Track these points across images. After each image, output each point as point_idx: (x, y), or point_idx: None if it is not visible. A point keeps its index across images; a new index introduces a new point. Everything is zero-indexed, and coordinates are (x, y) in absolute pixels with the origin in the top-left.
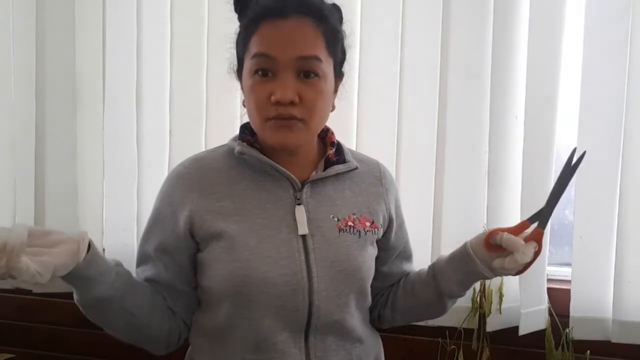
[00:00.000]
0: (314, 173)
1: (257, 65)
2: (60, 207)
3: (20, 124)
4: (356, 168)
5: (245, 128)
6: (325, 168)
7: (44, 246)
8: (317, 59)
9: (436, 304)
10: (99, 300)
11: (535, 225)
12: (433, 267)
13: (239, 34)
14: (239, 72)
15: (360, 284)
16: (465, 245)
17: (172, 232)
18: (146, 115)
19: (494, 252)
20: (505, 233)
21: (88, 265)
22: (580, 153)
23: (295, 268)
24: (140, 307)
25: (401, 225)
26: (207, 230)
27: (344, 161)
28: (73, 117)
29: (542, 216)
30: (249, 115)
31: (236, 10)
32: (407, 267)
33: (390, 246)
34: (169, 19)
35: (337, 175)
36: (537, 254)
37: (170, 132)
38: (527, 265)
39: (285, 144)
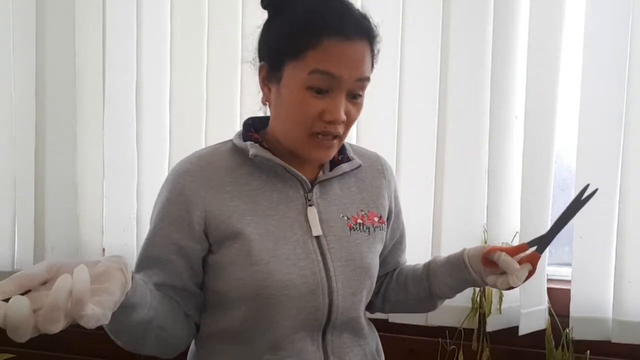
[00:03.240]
0: (320, 173)
1: (317, 83)
2: (60, 206)
3: (20, 124)
4: (360, 165)
5: (249, 125)
6: (331, 167)
7: (95, 282)
8: (369, 80)
9: (426, 301)
10: (139, 323)
11: (533, 249)
12: (428, 267)
13: (281, 32)
14: (271, 72)
15: (371, 281)
16: (462, 253)
17: (188, 232)
18: (146, 115)
19: (489, 268)
20: (504, 253)
21: (134, 293)
22: (592, 190)
23: (314, 269)
24: (167, 320)
25: (398, 215)
26: (224, 231)
27: (347, 159)
28: (73, 117)
29: (542, 242)
30: (286, 123)
31: (272, 4)
32: (401, 257)
33: (388, 236)
34: (169, 19)
35: (340, 174)
36: (530, 275)
37: (170, 132)
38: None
39: (323, 160)
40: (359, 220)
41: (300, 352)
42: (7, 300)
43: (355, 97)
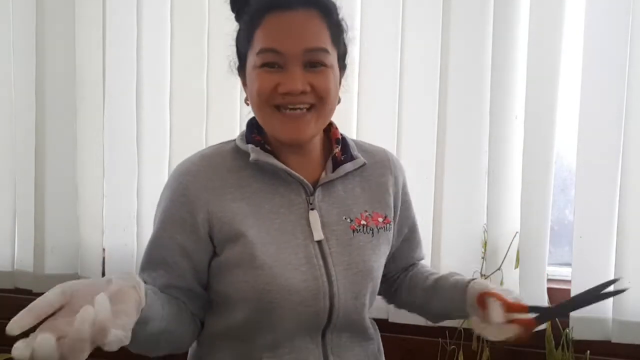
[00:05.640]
0: (323, 174)
1: (266, 60)
2: (60, 206)
3: (20, 124)
4: (364, 164)
5: (252, 125)
6: (334, 167)
7: (111, 302)
8: (325, 50)
9: (428, 313)
10: (153, 334)
11: (533, 315)
12: (435, 283)
13: (240, 30)
14: (241, 69)
15: (374, 283)
16: (468, 282)
17: (192, 233)
18: (146, 115)
19: (481, 308)
20: (498, 302)
21: (148, 308)
22: (618, 288)
23: (315, 273)
24: (176, 324)
25: (407, 209)
26: (227, 233)
27: (351, 157)
28: (73, 117)
29: (545, 313)
30: (255, 110)
31: (234, 8)
32: (415, 253)
33: (396, 230)
34: (169, 19)
35: (344, 175)
36: (519, 340)
37: (170, 132)
38: (506, 341)
39: (297, 138)
40: (363, 222)
41: (300, 350)
42: (25, 332)
43: (314, 66)
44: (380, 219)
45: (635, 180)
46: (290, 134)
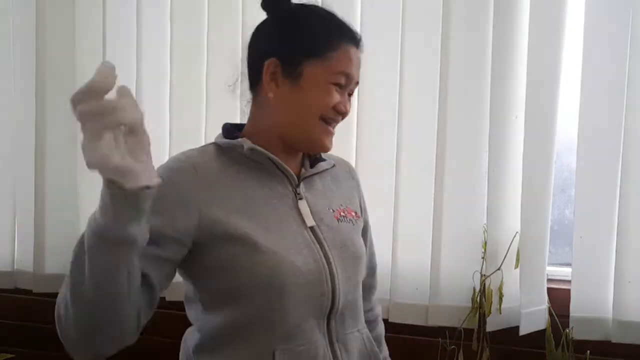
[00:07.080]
0: (303, 170)
1: (340, 80)
2: (60, 207)
3: (20, 124)
4: (334, 165)
5: (229, 129)
6: (310, 165)
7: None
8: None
9: None
10: (130, 240)
11: None
12: None
13: (301, 34)
14: (287, 68)
15: (362, 266)
16: None
17: (175, 220)
18: (146, 115)
19: None
20: None
21: (147, 199)
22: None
23: (315, 256)
24: (133, 296)
25: (365, 215)
26: (221, 230)
27: (322, 159)
28: (73, 117)
29: None
30: (298, 114)
31: (279, 10)
32: (370, 263)
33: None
34: (169, 19)
35: (320, 172)
36: None
37: (170, 131)
38: None
39: (328, 150)
40: (342, 213)
41: (310, 340)
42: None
43: (350, 94)
44: (354, 213)
45: (635, 180)
46: (327, 146)
